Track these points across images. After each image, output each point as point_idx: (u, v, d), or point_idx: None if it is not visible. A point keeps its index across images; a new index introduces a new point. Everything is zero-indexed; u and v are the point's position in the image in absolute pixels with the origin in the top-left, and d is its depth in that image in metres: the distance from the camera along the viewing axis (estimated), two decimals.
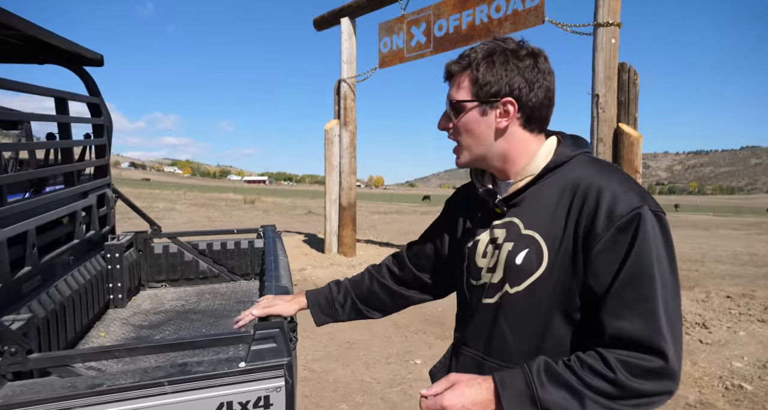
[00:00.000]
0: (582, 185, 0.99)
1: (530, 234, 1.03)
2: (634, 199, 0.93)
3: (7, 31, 1.95)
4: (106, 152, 2.41)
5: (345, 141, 7.93)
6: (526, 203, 1.07)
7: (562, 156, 1.06)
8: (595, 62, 5.03)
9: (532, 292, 1.01)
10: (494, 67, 1.03)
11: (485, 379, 0.95)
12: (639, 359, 0.87)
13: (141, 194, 26.89)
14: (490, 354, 1.10)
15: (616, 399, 0.87)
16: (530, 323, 1.03)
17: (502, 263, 1.06)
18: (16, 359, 1.13)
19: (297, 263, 7.38)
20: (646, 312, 0.89)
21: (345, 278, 1.45)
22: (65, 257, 1.94)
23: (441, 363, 1.29)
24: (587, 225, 0.95)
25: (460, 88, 1.07)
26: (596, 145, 4.97)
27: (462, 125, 1.08)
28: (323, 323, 1.40)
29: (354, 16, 7.98)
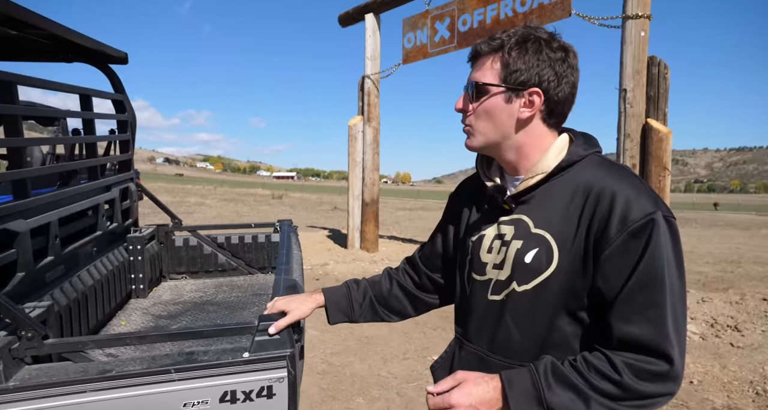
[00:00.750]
0: (595, 188, 0.98)
1: (540, 234, 1.02)
2: (648, 204, 0.93)
3: (37, 32, 2.03)
4: (130, 147, 2.49)
5: (368, 137, 7.95)
6: (536, 201, 1.06)
7: (575, 155, 1.04)
8: (623, 56, 4.88)
9: (540, 291, 1.01)
10: (526, 55, 1.01)
11: (492, 378, 0.95)
12: (645, 362, 0.89)
13: (174, 188, 27.66)
14: (495, 351, 1.09)
15: (620, 401, 0.89)
16: (536, 321, 1.02)
17: (510, 261, 1.05)
18: (32, 344, 1.19)
19: (320, 258, 7.46)
20: (654, 318, 0.90)
21: (363, 278, 1.43)
22: (88, 249, 2.02)
23: (443, 359, 1.28)
24: (600, 229, 0.94)
25: (487, 70, 1.04)
26: (623, 141, 4.83)
27: (483, 108, 1.05)
28: (338, 321, 1.37)
29: (378, 12, 7.98)
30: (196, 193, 24.51)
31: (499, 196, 1.10)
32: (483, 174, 1.17)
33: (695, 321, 4.56)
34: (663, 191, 4.49)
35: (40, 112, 1.75)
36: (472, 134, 1.09)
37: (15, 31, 2.02)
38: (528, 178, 1.06)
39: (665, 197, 4.48)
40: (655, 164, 4.54)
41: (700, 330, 4.37)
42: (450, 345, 1.27)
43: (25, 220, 1.51)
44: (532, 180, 1.05)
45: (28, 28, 1.98)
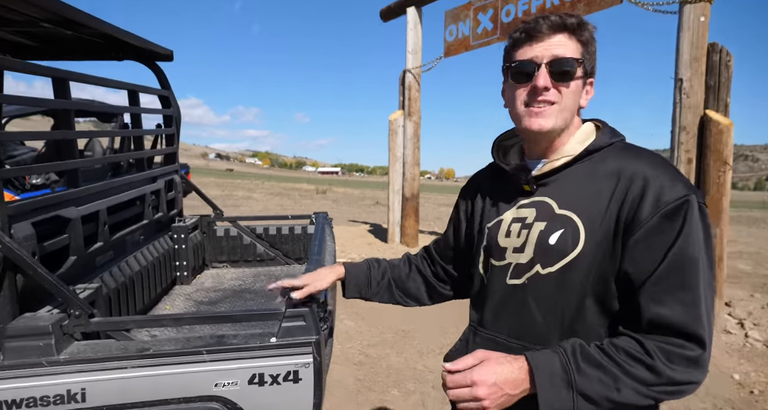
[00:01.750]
0: (627, 171, 0.96)
1: (566, 214, 1.00)
2: (681, 187, 0.92)
3: (91, 32, 2.16)
4: (175, 140, 2.61)
5: (409, 132, 7.93)
6: (559, 184, 1.04)
7: (602, 141, 1.04)
8: (679, 43, 4.61)
9: (566, 273, 0.99)
10: (594, 43, 1.03)
11: (516, 358, 0.94)
12: (678, 346, 0.87)
13: (224, 183, 28.68)
14: (519, 337, 1.06)
15: (651, 386, 0.88)
16: (561, 305, 1.00)
17: (533, 243, 1.03)
18: (80, 321, 1.28)
19: (360, 251, 7.54)
20: (688, 300, 0.88)
21: (384, 258, 1.44)
22: (135, 236, 2.14)
23: (456, 348, 1.24)
24: (631, 210, 0.93)
25: (569, 47, 0.99)
26: (678, 134, 4.57)
27: (573, 86, 1.00)
28: (353, 296, 1.39)
29: (420, 5, 7.91)
30: (244, 187, 25.32)
31: (522, 175, 1.07)
32: (499, 159, 1.16)
33: (759, 327, 4.27)
34: (723, 187, 4.22)
35: (91, 107, 1.86)
36: (552, 113, 1.00)
37: (70, 32, 2.16)
38: (553, 160, 1.05)
39: (725, 193, 4.20)
40: (714, 158, 4.28)
41: (764, 336, 4.08)
42: (464, 333, 1.24)
43: (76, 207, 1.62)
44: (558, 162, 1.04)
45: (82, 29, 2.11)
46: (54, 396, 1.19)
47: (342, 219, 12.18)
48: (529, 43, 1.01)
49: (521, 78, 1.02)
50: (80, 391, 1.20)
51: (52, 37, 2.32)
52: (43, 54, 2.58)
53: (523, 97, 1.03)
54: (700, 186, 4.31)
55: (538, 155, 1.09)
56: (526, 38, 1.01)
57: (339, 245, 8.02)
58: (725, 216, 4.14)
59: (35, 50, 2.53)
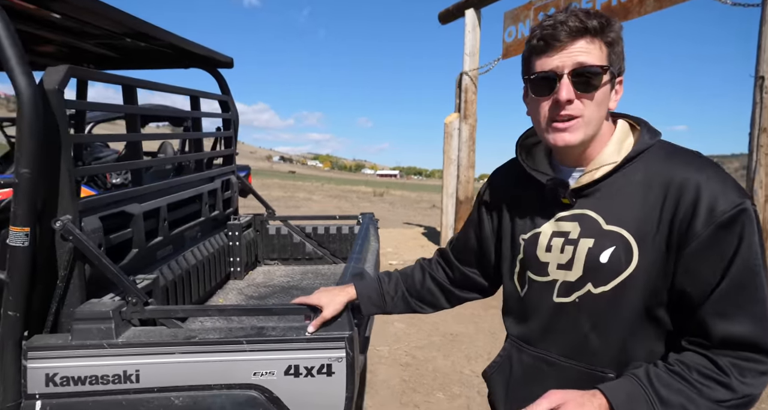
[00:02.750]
0: (676, 180, 0.91)
1: (615, 231, 0.95)
2: (736, 195, 0.87)
3: (161, 43, 2.35)
4: (233, 142, 2.77)
5: (464, 134, 7.86)
6: (602, 195, 0.98)
7: (643, 145, 0.97)
8: (762, 39, 4.25)
9: (620, 292, 0.95)
10: (621, 41, 0.97)
11: (594, 395, 0.89)
12: (752, 361, 0.86)
13: (286, 184, 29.73)
14: (571, 356, 1.03)
15: (726, 402, 0.86)
16: (617, 324, 0.96)
17: (582, 261, 0.99)
18: (136, 308, 1.41)
19: (411, 254, 7.56)
20: (757, 313, 0.86)
21: (395, 270, 1.43)
22: (192, 232, 2.30)
23: (497, 364, 1.21)
24: (683, 222, 0.88)
25: (593, 53, 0.93)
26: (757, 136, 4.21)
27: (599, 96, 0.94)
28: (371, 313, 1.40)
29: (479, 6, 7.83)
30: (305, 189, 26.11)
31: (562, 190, 1.01)
32: (528, 165, 1.10)
33: None
34: None
35: (157, 111, 2.02)
36: (578, 127, 0.95)
37: (144, 44, 2.35)
38: (592, 170, 0.99)
39: None
40: None
41: None
42: (504, 348, 1.20)
43: (139, 204, 1.77)
44: (598, 173, 0.98)
45: (154, 41, 2.30)
46: (113, 375, 1.31)
47: (397, 222, 12.25)
48: (548, 52, 0.94)
49: (542, 91, 0.96)
50: (135, 372, 1.32)
51: (128, 48, 2.54)
52: (122, 64, 2.83)
53: (545, 111, 0.97)
54: None
55: (571, 162, 1.04)
56: (544, 47, 0.94)
57: (392, 247, 8.09)
58: None
59: (115, 61, 2.79)
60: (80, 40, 2.18)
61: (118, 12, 1.72)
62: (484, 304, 5.22)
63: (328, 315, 1.33)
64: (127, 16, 1.82)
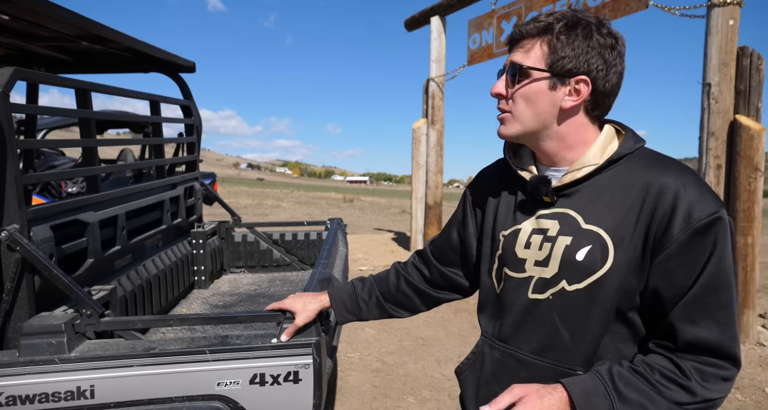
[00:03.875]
0: (655, 185, 0.93)
1: (593, 230, 0.97)
2: (712, 202, 0.89)
3: (118, 46, 2.28)
4: (196, 148, 2.70)
5: (432, 140, 7.94)
6: (583, 195, 1.00)
7: (626, 149, 0.99)
8: (707, 47, 4.47)
9: (594, 291, 0.96)
10: (576, 40, 0.96)
11: (555, 388, 0.91)
12: (714, 366, 0.88)
13: (254, 192, 29.27)
14: (540, 353, 1.04)
15: (685, 405, 0.87)
16: (589, 322, 0.97)
17: (558, 258, 1.00)
18: (91, 321, 1.34)
19: (382, 259, 7.55)
20: (724, 320, 0.88)
21: (370, 275, 1.41)
22: (153, 241, 2.22)
23: (469, 360, 1.21)
24: (660, 226, 0.90)
25: (531, 53, 0.98)
26: (706, 139, 4.42)
27: (524, 93, 0.99)
28: (346, 321, 1.36)
29: (444, 14, 7.95)
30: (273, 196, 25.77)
31: (543, 187, 1.03)
32: (514, 163, 1.11)
33: None
34: (754, 194, 4.05)
35: (115, 116, 1.95)
36: (508, 121, 1.03)
37: (100, 47, 2.27)
38: (574, 170, 1.01)
39: (756, 201, 4.03)
40: (744, 164, 4.12)
41: None
42: (477, 345, 1.20)
43: (95, 212, 1.70)
44: (580, 173, 1.00)
45: (111, 43, 2.22)
46: (65, 392, 1.25)
47: (367, 227, 12.23)
48: (509, 51, 1.04)
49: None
50: (89, 388, 1.26)
51: (84, 52, 2.45)
52: (77, 68, 2.72)
53: None
54: (731, 193, 4.15)
55: (550, 162, 1.06)
56: (508, 48, 1.05)
57: (363, 253, 8.06)
58: (758, 224, 3.97)
59: (68, 64, 2.68)
60: (30, 42, 2.09)
61: (70, 14, 1.66)
62: (455, 307, 5.25)
63: (300, 323, 1.31)
64: (80, 18, 1.75)
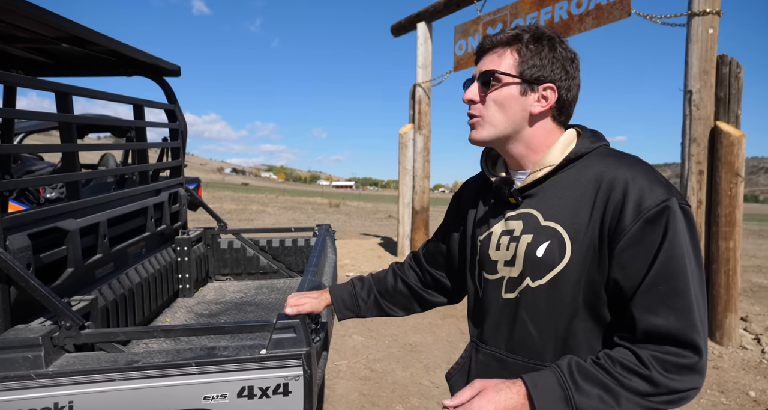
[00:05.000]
0: (606, 178, 0.96)
1: (551, 226, 1.00)
2: (661, 191, 0.91)
3: (100, 49, 2.22)
4: (180, 153, 2.65)
5: (419, 145, 7.95)
6: (544, 194, 1.04)
7: (582, 148, 1.03)
8: (688, 55, 4.56)
9: (555, 285, 0.98)
10: (543, 51, 1.02)
11: (514, 383, 0.92)
12: (674, 355, 0.87)
13: (239, 197, 28.96)
14: (514, 351, 1.06)
15: (650, 396, 0.86)
16: (554, 317, 0.99)
17: (521, 256, 1.02)
18: (70, 333, 1.29)
19: (369, 265, 7.51)
20: (680, 307, 0.87)
21: (369, 273, 1.46)
22: (137, 248, 2.16)
23: (459, 365, 1.24)
24: (614, 217, 0.92)
25: (502, 60, 1.03)
26: (688, 146, 4.49)
27: (496, 97, 1.03)
28: (345, 317, 1.42)
29: (430, 20, 7.99)
30: (258, 201, 25.54)
31: (506, 188, 1.07)
32: (487, 170, 1.16)
33: None
34: (735, 199, 4.12)
35: (96, 120, 1.90)
36: (480, 125, 1.06)
37: (81, 49, 2.21)
38: (535, 171, 1.04)
39: (737, 206, 4.10)
40: (725, 170, 4.19)
41: None
42: (466, 350, 1.23)
43: (75, 219, 1.64)
44: (540, 173, 1.04)
45: (92, 46, 2.16)
46: (41, 409, 1.19)
47: (354, 233, 12.18)
48: (476, 61, 1.09)
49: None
50: (68, 404, 1.20)
51: (64, 54, 2.38)
52: (56, 70, 2.65)
53: None
54: (713, 198, 4.22)
55: (515, 165, 1.10)
56: (476, 59, 1.09)
57: (350, 258, 8.01)
58: (738, 229, 4.03)
59: (48, 67, 2.61)
60: (7, 44, 2.03)
61: (49, 15, 1.60)
62: (443, 313, 5.23)
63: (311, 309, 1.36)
64: (60, 20, 1.69)
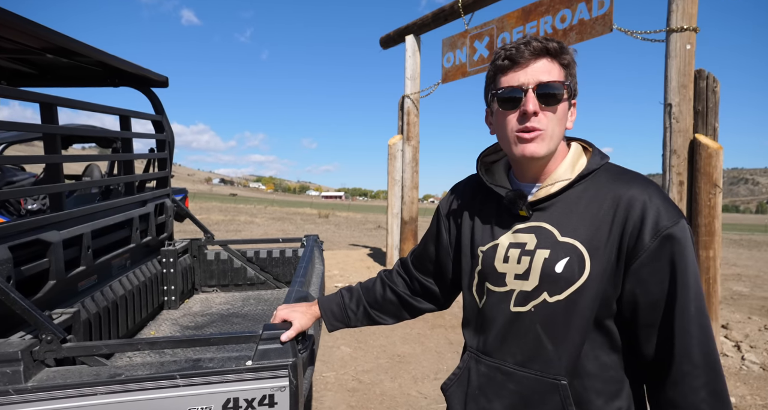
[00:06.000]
0: (625, 197, 0.98)
1: (570, 242, 1.00)
2: (675, 212, 0.96)
3: (87, 59, 2.21)
4: (167, 164, 2.63)
5: (407, 156, 7.99)
6: (557, 209, 1.04)
7: (594, 164, 1.05)
8: (667, 70, 4.68)
9: (574, 301, 0.99)
10: (574, 66, 1.04)
11: None
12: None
13: (227, 208, 28.76)
14: (525, 365, 1.05)
15: None
16: (571, 332, 1.00)
17: (538, 271, 1.02)
18: (51, 347, 1.27)
19: (358, 275, 7.49)
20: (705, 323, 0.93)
21: (358, 283, 1.45)
22: (121, 260, 2.14)
23: (456, 376, 1.21)
24: (633, 236, 0.96)
25: (554, 71, 1.00)
26: (669, 157, 4.59)
27: (560, 111, 1.01)
28: (335, 329, 1.41)
29: (419, 33, 8.10)
30: (247, 212, 25.38)
31: (520, 202, 1.06)
32: (487, 179, 1.15)
33: (756, 349, 4.19)
34: (714, 209, 4.21)
35: (82, 131, 1.89)
36: (542, 139, 1.01)
37: (67, 60, 2.21)
38: (548, 185, 1.05)
39: (716, 216, 4.19)
40: (704, 181, 4.28)
41: (761, 359, 4.00)
42: (463, 360, 1.20)
43: (58, 231, 1.62)
44: (554, 188, 1.04)
45: (78, 57, 2.16)
46: None
47: (343, 243, 12.15)
48: (514, 69, 1.01)
49: (509, 105, 1.02)
50: None
51: (49, 64, 2.37)
52: (41, 81, 2.63)
53: (512, 124, 1.02)
54: (692, 209, 4.30)
55: (529, 178, 1.09)
56: (510, 64, 1.01)
57: (338, 269, 7.97)
58: (718, 238, 4.11)
59: (33, 77, 2.59)
60: None
61: (33, 25, 1.60)
62: (431, 323, 5.22)
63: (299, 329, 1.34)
64: (44, 31, 1.69)
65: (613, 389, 1.01)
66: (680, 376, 0.92)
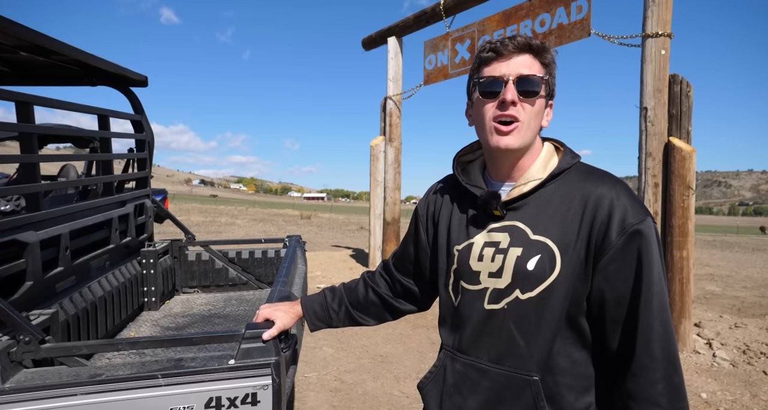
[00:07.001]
0: (593, 196, 1.01)
1: (541, 240, 1.03)
2: (641, 210, 0.99)
3: (64, 58, 2.18)
4: (147, 164, 2.61)
5: (390, 157, 8.02)
6: (530, 208, 1.06)
7: (565, 164, 1.08)
8: (643, 74, 4.81)
9: (545, 298, 1.01)
10: (554, 68, 1.07)
11: None
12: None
13: (207, 209, 28.39)
14: (499, 362, 1.06)
15: None
16: (543, 328, 1.02)
17: (511, 269, 1.04)
18: (29, 348, 1.25)
19: (341, 276, 7.49)
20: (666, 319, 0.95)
21: (341, 283, 1.45)
22: (100, 261, 2.11)
23: (432, 374, 1.22)
24: (600, 233, 0.98)
25: (536, 68, 1.04)
26: (645, 159, 4.72)
27: (537, 104, 1.04)
28: (317, 328, 1.41)
29: (401, 35, 8.14)
30: (227, 213, 25.09)
31: (494, 202, 1.08)
32: (464, 179, 1.17)
33: (726, 346, 4.33)
34: (687, 211, 4.34)
35: (59, 131, 1.86)
36: (519, 131, 1.04)
37: (43, 58, 2.17)
38: (521, 184, 1.07)
39: (690, 217, 4.32)
40: (678, 183, 4.41)
41: (731, 356, 4.14)
42: (439, 358, 1.21)
43: (35, 231, 1.60)
44: (526, 187, 1.07)
45: (54, 55, 2.12)
46: None
47: (325, 244, 12.12)
48: (497, 60, 1.05)
49: (489, 94, 1.05)
50: None
51: (24, 63, 2.33)
52: (16, 80, 2.58)
53: (490, 112, 1.05)
54: (667, 210, 4.42)
55: (503, 176, 1.12)
56: (494, 56, 1.05)
57: (321, 270, 7.96)
58: (691, 239, 4.24)
59: (7, 76, 2.54)
60: None
61: (6, 22, 1.57)
62: (413, 323, 5.25)
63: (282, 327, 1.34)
64: (18, 28, 1.66)
65: (584, 385, 1.03)
66: (639, 369, 0.95)
